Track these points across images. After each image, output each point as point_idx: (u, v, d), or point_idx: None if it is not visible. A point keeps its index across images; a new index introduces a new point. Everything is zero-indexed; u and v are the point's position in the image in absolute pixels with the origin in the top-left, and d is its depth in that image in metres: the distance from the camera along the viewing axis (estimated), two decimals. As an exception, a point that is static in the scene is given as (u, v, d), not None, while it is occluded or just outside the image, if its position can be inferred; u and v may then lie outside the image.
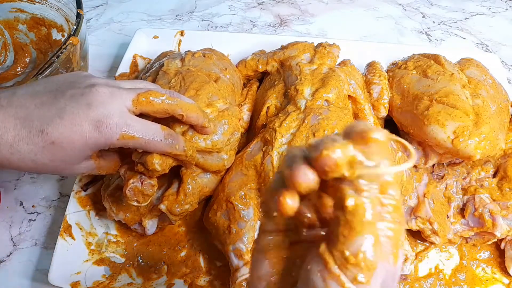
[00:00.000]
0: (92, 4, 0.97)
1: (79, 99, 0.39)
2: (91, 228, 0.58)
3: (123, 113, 0.40)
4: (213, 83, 0.58)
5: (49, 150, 0.38)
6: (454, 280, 0.57)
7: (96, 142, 0.40)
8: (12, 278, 0.59)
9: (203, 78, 0.58)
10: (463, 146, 0.53)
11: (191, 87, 0.55)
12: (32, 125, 0.37)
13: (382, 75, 0.65)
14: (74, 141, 0.38)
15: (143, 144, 0.42)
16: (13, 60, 0.75)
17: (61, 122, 0.38)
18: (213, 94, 0.56)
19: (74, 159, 0.41)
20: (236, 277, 0.52)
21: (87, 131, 0.38)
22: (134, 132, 0.41)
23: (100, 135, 0.39)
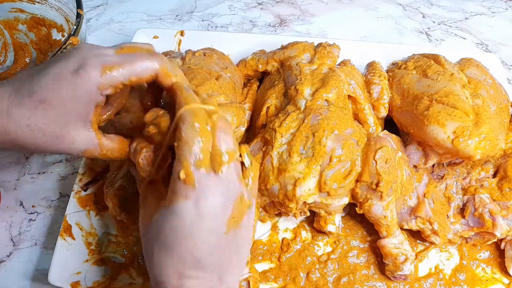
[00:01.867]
0: (92, 4, 0.97)
1: (62, 57, 0.39)
2: (91, 228, 0.58)
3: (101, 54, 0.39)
4: (214, 80, 0.58)
5: (41, 110, 0.38)
6: (454, 280, 0.57)
7: (82, 89, 0.38)
8: (12, 278, 0.59)
9: (203, 75, 0.58)
10: (463, 146, 0.53)
11: (191, 83, 0.55)
12: (23, 89, 0.38)
13: (382, 75, 0.65)
14: (62, 95, 0.38)
15: (130, 69, 0.39)
16: (13, 60, 0.75)
17: (46, 79, 0.38)
18: (213, 90, 0.56)
19: (68, 119, 0.39)
20: (236, 277, 0.52)
21: (69, 81, 0.38)
22: (115, 62, 0.39)
23: (83, 80, 0.38)
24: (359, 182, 0.52)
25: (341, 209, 0.56)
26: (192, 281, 0.38)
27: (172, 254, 0.37)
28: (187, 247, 0.37)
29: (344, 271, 0.57)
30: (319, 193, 0.52)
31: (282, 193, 0.53)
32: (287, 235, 0.60)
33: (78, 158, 0.42)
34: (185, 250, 0.37)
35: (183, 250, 0.37)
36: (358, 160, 0.53)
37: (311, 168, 0.51)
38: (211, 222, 0.37)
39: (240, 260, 0.42)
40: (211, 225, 0.37)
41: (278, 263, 0.57)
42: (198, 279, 0.38)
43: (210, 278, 0.38)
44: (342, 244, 0.59)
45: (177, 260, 0.37)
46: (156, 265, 0.38)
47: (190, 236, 0.37)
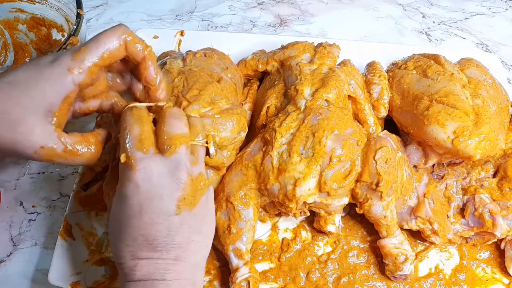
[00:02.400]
0: (92, 4, 0.97)
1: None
2: (91, 228, 0.58)
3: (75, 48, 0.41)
4: (216, 83, 0.58)
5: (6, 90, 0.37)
6: (454, 280, 0.57)
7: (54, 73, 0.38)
8: (12, 278, 0.59)
9: (206, 78, 0.58)
10: (463, 146, 0.53)
11: (194, 87, 0.55)
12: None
13: (382, 75, 0.65)
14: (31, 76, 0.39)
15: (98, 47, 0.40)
16: (13, 60, 0.75)
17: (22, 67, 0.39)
18: (216, 94, 0.56)
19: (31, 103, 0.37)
20: (236, 277, 0.52)
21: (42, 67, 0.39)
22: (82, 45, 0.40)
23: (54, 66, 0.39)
24: (359, 182, 0.52)
25: (341, 209, 0.56)
26: (145, 261, 0.39)
27: (125, 236, 0.39)
28: (137, 228, 0.38)
29: (344, 271, 0.57)
30: (319, 193, 0.52)
31: (282, 193, 0.53)
32: (287, 235, 0.60)
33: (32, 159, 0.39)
34: (135, 231, 0.38)
35: (134, 231, 0.38)
36: (358, 160, 0.53)
37: (311, 168, 0.51)
38: (158, 202, 0.38)
39: (204, 239, 0.43)
40: (159, 205, 0.38)
41: (278, 263, 0.57)
42: (152, 259, 0.39)
43: (166, 257, 0.39)
44: (342, 244, 0.59)
45: (130, 242, 0.39)
46: (114, 247, 0.41)
47: (139, 217, 0.38)
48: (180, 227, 0.40)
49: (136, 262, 0.39)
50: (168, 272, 0.39)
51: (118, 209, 0.40)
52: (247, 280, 0.52)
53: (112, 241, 0.41)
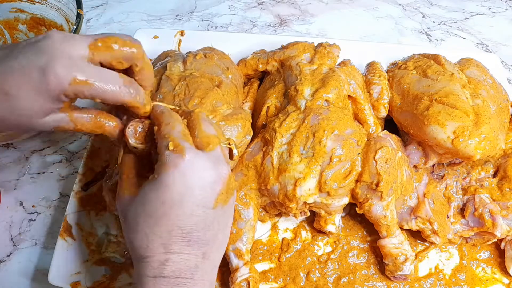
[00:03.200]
0: (92, 4, 0.97)
1: (31, 47, 0.37)
2: (91, 228, 0.58)
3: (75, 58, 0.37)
4: (217, 89, 0.58)
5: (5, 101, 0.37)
6: (454, 280, 0.57)
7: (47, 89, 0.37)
8: (12, 278, 0.59)
9: (207, 84, 0.58)
10: (463, 146, 0.53)
11: (195, 95, 0.56)
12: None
13: (382, 75, 0.65)
14: (26, 90, 0.37)
15: (99, 91, 0.38)
16: (13, 60, 0.75)
17: (12, 71, 0.36)
18: (217, 101, 0.56)
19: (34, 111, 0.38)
20: (236, 277, 0.52)
21: (36, 79, 0.36)
22: (87, 76, 0.37)
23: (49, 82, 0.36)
24: (359, 182, 0.52)
25: (341, 209, 0.56)
26: (178, 256, 0.38)
27: (160, 226, 0.37)
28: (175, 219, 0.37)
29: (344, 271, 0.57)
30: (319, 193, 0.52)
31: (282, 193, 0.53)
32: (287, 235, 0.60)
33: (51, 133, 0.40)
34: (173, 222, 0.37)
35: (171, 222, 0.37)
36: (358, 160, 0.53)
37: (311, 168, 0.51)
38: (200, 194, 0.38)
39: (225, 238, 0.43)
40: (200, 197, 0.38)
41: (278, 263, 0.57)
42: (183, 254, 0.38)
43: (196, 254, 0.38)
44: (342, 244, 0.59)
45: (165, 233, 0.37)
46: (142, 237, 0.38)
47: (179, 207, 0.37)
48: (212, 223, 0.39)
49: (168, 257, 0.37)
50: (197, 270, 0.38)
51: (152, 198, 0.38)
52: (247, 280, 0.52)
53: (136, 231, 0.38)
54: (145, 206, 0.38)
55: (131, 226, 0.39)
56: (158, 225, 0.37)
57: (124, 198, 0.40)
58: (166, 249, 0.37)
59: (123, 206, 0.40)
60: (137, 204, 0.39)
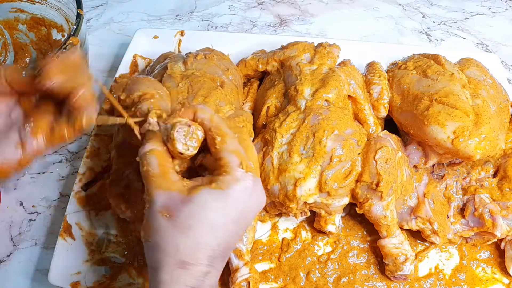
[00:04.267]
0: (92, 4, 0.97)
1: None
2: (91, 228, 0.58)
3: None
4: (220, 89, 0.59)
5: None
6: (454, 280, 0.57)
7: None
8: (12, 278, 0.59)
9: (209, 84, 0.59)
10: (463, 146, 0.53)
11: (199, 94, 0.56)
12: None
13: (382, 75, 0.65)
14: None
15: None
16: (13, 60, 0.75)
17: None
18: (220, 100, 0.57)
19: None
20: (236, 277, 0.52)
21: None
22: None
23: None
24: (359, 182, 0.52)
25: (341, 209, 0.56)
26: (215, 271, 0.38)
27: (214, 238, 0.37)
28: (228, 234, 0.38)
29: (344, 271, 0.57)
30: (320, 193, 0.52)
31: (282, 193, 0.53)
32: (287, 235, 0.60)
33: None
34: (226, 237, 0.37)
35: (224, 236, 0.37)
36: (358, 160, 0.53)
37: (312, 168, 0.51)
38: (252, 216, 0.40)
39: None
40: (251, 219, 0.40)
41: (278, 263, 0.57)
42: (218, 270, 0.38)
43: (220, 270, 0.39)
44: (342, 244, 0.59)
45: (215, 246, 0.37)
46: (192, 243, 0.36)
47: (236, 224, 0.38)
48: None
49: (209, 270, 0.36)
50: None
51: (215, 207, 0.37)
52: (247, 280, 0.52)
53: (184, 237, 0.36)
54: (205, 213, 0.36)
55: (180, 226, 0.36)
56: (214, 236, 0.37)
57: (172, 194, 0.37)
58: (210, 262, 0.37)
59: (171, 201, 0.37)
60: (194, 206, 0.36)
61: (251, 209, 0.39)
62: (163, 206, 0.37)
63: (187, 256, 0.36)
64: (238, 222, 0.38)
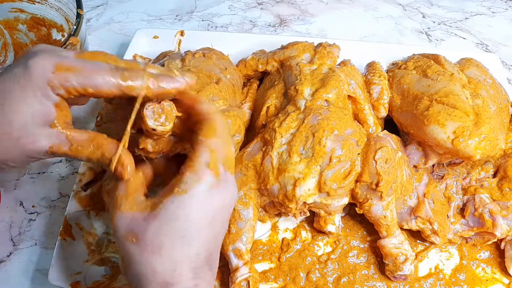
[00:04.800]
0: (92, 4, 0.97)
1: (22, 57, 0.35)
2: (91, 228, 0.58)
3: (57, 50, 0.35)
4: (214, 84, 0.58)
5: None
6: (454, 280, 0.57)
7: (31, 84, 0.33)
8: (12, 278, 0.59)
9: (204, 79, 0.58)
10: (463, 146, 0.53)
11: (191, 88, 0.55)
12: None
13: (382, 75, 0.65)
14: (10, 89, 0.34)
15: (89, 77, 0.34)
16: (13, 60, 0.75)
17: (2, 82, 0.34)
18: (214, 95, 0.56)
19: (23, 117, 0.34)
20: (236, 277, 0.52)
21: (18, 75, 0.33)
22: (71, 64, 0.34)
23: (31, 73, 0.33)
24: (359, 182, 0.52)
25: (341, 209, 0.56)
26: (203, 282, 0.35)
27: (190, 248, 0.34)
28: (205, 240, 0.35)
29: (344, 271, 0.57)
30: (319, 193, 0.52)
31: (282, 193, 0.53)
32: (287, 235, 0.60)
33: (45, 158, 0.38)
34: (202, 243, 0.35)
35: (201, 243, 0.34)
36: (358, 160, 0.53)
37: (311, 168, 0.51)
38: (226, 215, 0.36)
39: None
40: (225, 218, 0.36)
41: (278, 263, 0.57)
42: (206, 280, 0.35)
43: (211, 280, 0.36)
44: (342, 244, 0.59)
45: (194, 257, 0.34)
46: (168, 260, 0.34)
47: (210, 228, 0.35)
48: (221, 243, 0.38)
49: (197, 282, 0.34)
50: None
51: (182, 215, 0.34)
52: (247, 280, 0.52)
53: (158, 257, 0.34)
54: (172, 225, 0.33)
55: (150, 248, 0.34)
56: (189, 246, 0.34)
57: (134, 214, 0.35)
58: (196, 274, 0.34)
59: (134, 223, 0.34)
60: (159, 221, 0.34)
61: (220, 209, 0.36)
62: (127, 231, 0.34)
63: (168, 277, 0.34)
64: (210, 225, 0.35)
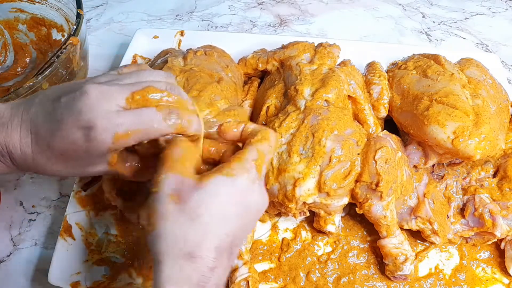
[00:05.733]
0: (92, 4, 0.97)
1: (72, 106, 0.37)
2: (91, 228, 0.58)
3: (111, 113, 0.37)
4: (216, 84, 0.58)
5: (61, 159, 0.39)
6: (454, 280, 0.57)
7: (95, 152, 0.38)
8: (12, 278, 0.59)
9: (206, 79, 0.58)
10: (463, 146, 0.53)
11: (194, 88, 0.56)
12: (41, 139, 0.39)
13: (382, 75, 0.65)
14: (76, 150, 0.38)
15: (143, 135, 0.38)
16: (13, 60, 0.75)
17: (60, 134, 0.37)
18: (216, 95, 0.56)
19: (86, 164, 0.41)
20: (235, 276, 0.52)
21: (80, 140, 0.37)
22: (127, 128, 0.37)
23: (93, 143, 0.37)
24: (359, 182, 0.52)
25: (340, 209, 0.56)
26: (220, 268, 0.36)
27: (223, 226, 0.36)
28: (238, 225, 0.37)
29: (344, 271, 0.57)
30: (319, 194, 0.52)
31: (281, 193, 0.53)
32: (287, 235, 0.60)
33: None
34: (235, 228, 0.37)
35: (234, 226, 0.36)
36: (357, 160, 0.53)
37: (311, 169, 0.51)
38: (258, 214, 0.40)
39: None
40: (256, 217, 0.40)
41: (278, 263, 0.57)
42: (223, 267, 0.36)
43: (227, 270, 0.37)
44: (342, 244, 0.59)
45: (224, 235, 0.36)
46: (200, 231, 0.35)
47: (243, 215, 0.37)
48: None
49: (215, 265, 0.35)
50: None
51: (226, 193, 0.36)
52: (247, 280, 0.52)
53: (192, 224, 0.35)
54: (215, 200, 0.36)
55: (190, 213, 0.35)
56: (223, 225, 0.36)
57: (185, 179, 0.36)
58: (217, 254, 0.35)
59: (183, 186, 0.36)
60: (205, 193, 0.35)
61: (255, 204, 0.39)
62: (174, 190, 0.36)
63: (194, 247, 0.34)
64: (245, 214, 0.38)
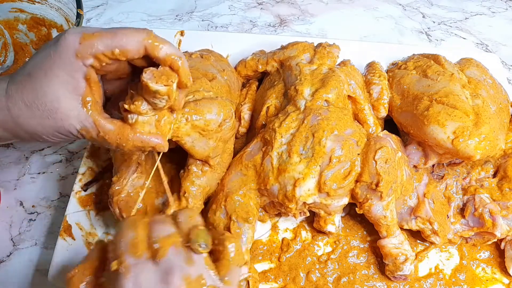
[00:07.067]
0: (92, 4, 0.97)
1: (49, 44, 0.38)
2: (91, 228, 0.58)
3: (85, 28, 0.38)
4: (206, 80, 0.57)
5: (29, 83, 0.38)
6: (454, 280, 0.57)
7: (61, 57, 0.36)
8: (12, 278, 0.59)
9: (196, 75, 0.57)
10: (463, 146, 0.53)
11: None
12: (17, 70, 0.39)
13: (382, 75, 0.65)
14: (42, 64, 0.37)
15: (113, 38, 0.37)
16: (13, 60, 0.75)
17: (33, 55, 0.38)
18: (204, 88, 0.55)
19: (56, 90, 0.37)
20: (236, 277, 0.52)
21: (49, 50, 0.37)
22: (95, 30, 0.37)
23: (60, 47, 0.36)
24: (359, 182, 0.52)
25: (340, 209, 0.56)
26: None
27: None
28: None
29: (344, 271, 0.57)
30: (319, 194, 0.52)
31: (281, 194, 0.53)
32: (287, 235, 0.60)
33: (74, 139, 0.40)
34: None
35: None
36: (357, 160, 0.53)
37: (311, 169, 0.51)
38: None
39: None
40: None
41: (278, 263, 0.57)
42: None
43: None
44: (342, 244, 0.59)
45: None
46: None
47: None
48: None
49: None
50: None
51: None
52: (247, 279, 0.52)
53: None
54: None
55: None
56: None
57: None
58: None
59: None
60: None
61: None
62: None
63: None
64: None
